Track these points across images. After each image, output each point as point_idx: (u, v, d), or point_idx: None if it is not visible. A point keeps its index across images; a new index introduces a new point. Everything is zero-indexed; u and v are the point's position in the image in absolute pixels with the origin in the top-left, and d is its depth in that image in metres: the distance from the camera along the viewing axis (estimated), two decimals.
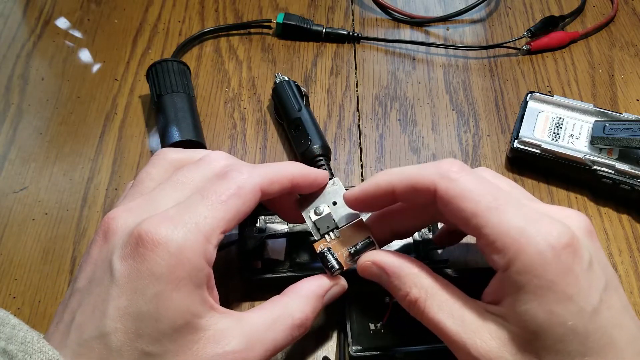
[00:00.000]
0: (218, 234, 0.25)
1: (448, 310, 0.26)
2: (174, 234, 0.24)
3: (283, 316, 0.27)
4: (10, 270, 0.36)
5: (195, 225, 0.25)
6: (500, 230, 0.24)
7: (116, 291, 0.23)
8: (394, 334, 0.31)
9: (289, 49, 0.49)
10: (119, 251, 0.24)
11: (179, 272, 0.24)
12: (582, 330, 0.23)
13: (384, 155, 0.42)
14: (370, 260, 0.29)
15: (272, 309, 0.27)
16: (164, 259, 0.23)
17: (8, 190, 0.39)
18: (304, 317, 0.27)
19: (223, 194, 0.26)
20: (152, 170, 0.29)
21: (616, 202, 0.40)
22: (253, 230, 0.35)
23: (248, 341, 0.25)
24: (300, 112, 0.41)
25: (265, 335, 0.26)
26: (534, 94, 0.43)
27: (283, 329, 0.26)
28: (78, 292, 0.25)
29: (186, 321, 0.24)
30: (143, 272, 0.23)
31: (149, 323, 0.23)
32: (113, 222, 0.25)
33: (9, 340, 0.22)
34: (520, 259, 0.23)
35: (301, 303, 0.28)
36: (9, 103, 0.44)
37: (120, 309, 0.23)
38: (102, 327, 0.23)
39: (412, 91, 0.46)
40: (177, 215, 0.25)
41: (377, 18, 0.52)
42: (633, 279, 0.36)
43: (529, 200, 0.28)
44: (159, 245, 0.23)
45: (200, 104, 0.45)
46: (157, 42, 0.49)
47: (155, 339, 0.23)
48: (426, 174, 0.27)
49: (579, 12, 0.52)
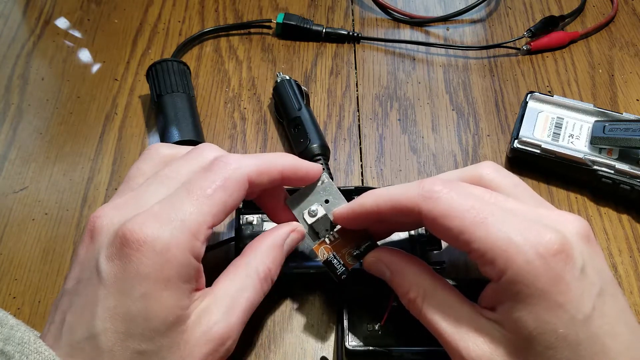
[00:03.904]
0: (205, 229, 0.25)
1: (444, 312, 0.26)
2: (160, 233, 0.24)
3: (249, 275, 0.27)
4: (10, 270, 0.36)
5: (181, 222, 0.24)
6: (488, 243, 0.24)
7: (104, 292, 0.23)
8: (391, 336, 0.31)
9: (289, 49, 0.49)
10: (105, 251, 0.24)
11: (166, 271, 0.24)
12: (573, 339, 0.23)
13: (384, 155, 0.42)
14: (375, 257, 0.30)
15: (237, 271, 0.28)
16: (150, 258, 0.23)
17: (8, 190, 0.39)
18: (267, 269, 0.28)
19: (209, 188, 0.26)
20: (143, 165, 0.29)
21: (616, 202, 0.40)
22: (249, 228, 0.35)
23: (226, 309, 0.26)
24: (300, 111, 0.41)
25: (239, 298, 0.26)
26: (534, 94, 0.43)
27: (252, 287, 0.27)
28: (67, 293, 0.25)
29: (177, 316, 0.24)
30: (130, 273, 0.23)
31: (140, 323, 0.23)
32: (98, 220, 0.25)
33: (7, 340, 0.23)
34: (510, 269, 0.23)
35: (262, 257, 0.28)
36: (9, 103, 0.44)
37: (109, 310, 0.23)
38: (92, 328, 0.23)
39: (412, 91, 0.46)
40: (162, 212, 0.25)
41: (377, 18, 0.52)
42: (633, 279, 0.36)
43: (530, 200, 0.28)
44: (144, 244, 0.23)
45: (200, 104, 0.45)
46: (157, 42, 0.49)
47: (148, 337, 0.23)
48: (409, 196, 0.26)
49: (579, 12, 0.52)
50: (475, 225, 0.24)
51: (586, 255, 0.24)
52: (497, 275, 0.24)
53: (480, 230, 0.24)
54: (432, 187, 0.26)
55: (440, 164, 0.42)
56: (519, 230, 0.24)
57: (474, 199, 0.25)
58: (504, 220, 0.24)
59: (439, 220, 0.25)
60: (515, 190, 0.28)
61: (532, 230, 0.24)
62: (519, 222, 0.24)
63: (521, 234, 0.24)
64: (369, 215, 0.28)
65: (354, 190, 0.35)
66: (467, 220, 0.25)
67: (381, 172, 0.41)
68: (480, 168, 0.29)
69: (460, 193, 0.26)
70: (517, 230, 0.24)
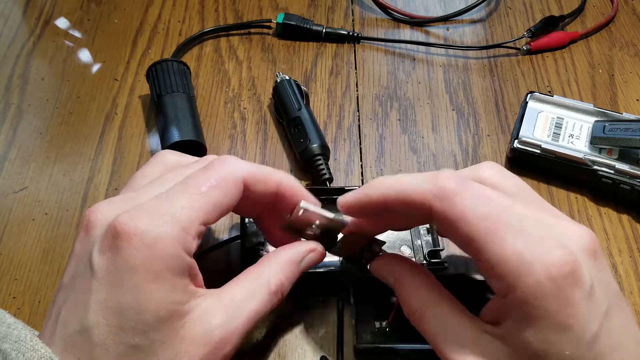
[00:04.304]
0: (197, 225, 0.25)
1: (444, 326, 0.26)
2: (150, 226, 0.24)
3: (259, 285, 0.27)
4: (10, 270, 0.36)
5: (172, 216, 0.24)
6: (499, 257, 0.23)
7: (96, 285, 0.23)
8: (399, 333, 0.31)
9: (289, 49, 0.49)
10: (98, 244, 0.24)
11: (155, 263, 0.23)
12: (579, 359, 0.23)
13: (384, 155, 0.42)
14: (381, 265, 0.30)
15: (248, 279, 0.27)
16: (139, 250, 0.23)
17: (8, 190, 0.39)
18: (279, 284, 0.27)
19: (203, 185, 0.26)
20: (148, 170, 0.29)
21: (616, 202, 0.40)
22: (254, 226, 0.35)
23: (230, 315, 0.25)
24: (300, 111, 0.41)
25: (245, 306, 0.26)
26: (534, 94, 0.43)
27: (261, 297, 0.27)
28: (64, 288, 0.25)
29: (169, 310, 0.24)
30: (120, 265, 0.23)
31: (131, 316, 0.23)
32: (93, 215, 0.25)
33: (4, 338, 0.23)
34: (519, 288, 0.23)
35: (276, 270, 0.28)
36: (9, 103, 0.44)
37: (101, 303, 0.23)
38: (85, 322, 0.23)
39: (412, 91, 0.46)
40: (154, 206, 0.25)
41: (377, 18, 0.52)
42: (633, 279, 0.36)
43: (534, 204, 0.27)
44: (134, 237, 0.23)
45: (200, 104, 0.45)
46: (157, 42, 0.49)
47: (141, 330, 0.23)
48: (420, 191, 0.25)
49: (579, 12, 0.52)
50: (487, 236, 0.24)
51: (593, 273, 0.24)
52: (504, 291, 0.24)
53: (492, 242, 0.23)
54: (446, 185, 0.25)
55: (440, 164, 0.42)
56: (531, 246, 0.23)
57: (488, 205, 0.24)
58: (516, 233, 0.23)
59: (451, 223, 0.25)
60: (518, 193, 0.27)
61: (543, 246, 0.23)
62: (529, 236, 0.24)
63: (532, 252, 0.23)
64: (374, 206, 0.28)
65: None
66: (480, 229, 0.24)
67: (381, 172, 0.41)
68: (481, 169, 0.28)
69: (475, 196, 0.25)
70: (528, 246, 0.23)
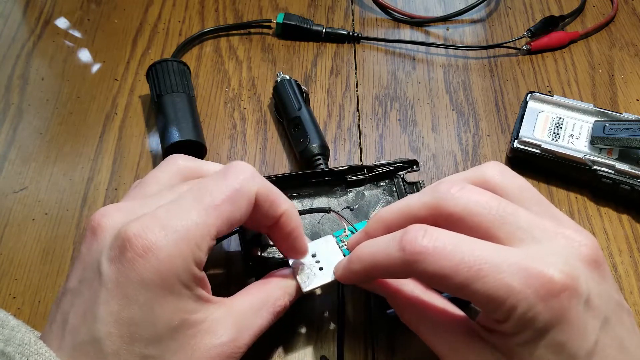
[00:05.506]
0: (209, 240, 0.25)
1: (439, 334, 0.26)
2: (164, 241, 0.23)
3: (267, 303, 0.28)
4: (10, 270, 0.36)
5: (186, 232, 0.24)
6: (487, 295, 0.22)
7: (105, 295, 0.23)
8: None
9: (289, 49, 0.49)
10: (107, 252, 0.24)
11: (169, 279, 0.23)
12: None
13: (384, 155, 0.42)
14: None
15: (256, 295, 0.28)
16: (154, 266, 0.23)
17: (8, 190, 0.39)
18: (283, 305, 0.29)
19: (217, 198, 0.25)
20: (160, 174, 0.29)
21: (616, 202, 0.40)
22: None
23: (239, 329, 0.26)
24: (300, 111, 0.41)
25: (253, 322, 0.27)
26: (534, 94, 0.43)
27: (267, 316, 0.28)
28: (69, 292, 0.25)
29: (182, 319, 0.24)
30: (133, 279, 0.23)
31: (145, 327, 0.23)
32: (102, 219, 0.25)
33: (8, 341, 0.23)
34: (512, 317, 0.22)
35: (283, 294, 0.29)
36: (9, 103, 0.44)
37: (112, 314, 0.23)
38: (95, 332, 0.23)
39: (412, 91, 0.46)
40: (166, 218, 0.24)
41: (377, 18, 0.52)
42: (633, 279, 0.36)
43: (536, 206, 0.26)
44: (148, 251, 0.23)
45: (200, 104, 0.45)
46: (157, 42, 0.49)
47: (154, 341, 0.23)
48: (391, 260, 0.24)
49: (579, 12, 0.52)
50: (470, 280, 0.22)
51: (592, 283, 0.23)
52: (500, 321, 0.23)
53: (477, 284, 0.22)
54: (414, 247, 0.23)
55: (440, 164, 0.42)
56: (519, 273, 0.22)
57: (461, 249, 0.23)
58: (500, 265, 0.22)
59: (432, 281, 0.24)
60: (521, 195, 0.26)
61: (534, 269, 0.22)
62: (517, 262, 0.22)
63: (521, 279, 0.22)
64: (363, 278, 0.28)
65: (346, 170, 0.36)
66: (461, 277, 0.23)
67: None
68: (484, 170, 0.27)
69: (447, 244, 0.23)
70: (516, 274, 0.22)
